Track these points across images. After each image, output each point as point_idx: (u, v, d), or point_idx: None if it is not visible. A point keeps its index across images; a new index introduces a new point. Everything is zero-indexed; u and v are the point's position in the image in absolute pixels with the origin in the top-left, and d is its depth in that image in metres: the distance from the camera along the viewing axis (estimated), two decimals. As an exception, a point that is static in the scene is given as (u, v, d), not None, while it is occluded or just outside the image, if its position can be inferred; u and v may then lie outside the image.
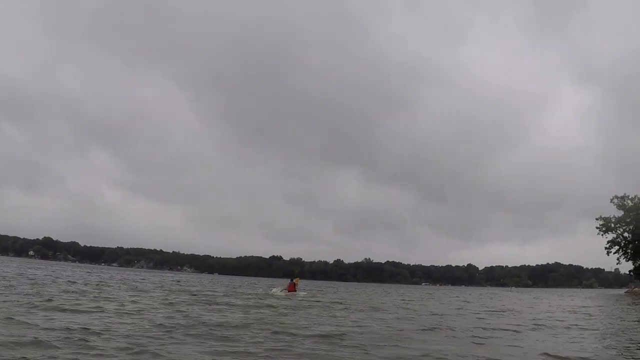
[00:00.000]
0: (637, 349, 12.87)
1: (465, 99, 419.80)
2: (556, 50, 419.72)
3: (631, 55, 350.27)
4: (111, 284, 40.24)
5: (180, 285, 47.87)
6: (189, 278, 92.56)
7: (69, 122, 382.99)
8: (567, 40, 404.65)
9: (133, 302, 23.13)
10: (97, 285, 37.54)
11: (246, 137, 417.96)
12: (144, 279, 59.28)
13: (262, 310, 21.67)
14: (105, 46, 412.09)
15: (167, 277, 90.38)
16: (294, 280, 44.30)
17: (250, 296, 33.87)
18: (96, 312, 17.49)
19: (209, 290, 40.08)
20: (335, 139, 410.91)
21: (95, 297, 24.71)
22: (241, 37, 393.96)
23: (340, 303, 29.34)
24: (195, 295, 32.28)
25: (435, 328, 16.96)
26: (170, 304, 23.24)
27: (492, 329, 17.43)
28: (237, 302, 26.68)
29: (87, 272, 75.66)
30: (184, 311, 19.40)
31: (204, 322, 15.72)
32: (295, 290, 41.97)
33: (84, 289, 31.15)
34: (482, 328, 17.52)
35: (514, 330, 17.01)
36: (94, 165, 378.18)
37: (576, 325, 19.41)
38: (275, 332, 14.24)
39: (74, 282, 40.15)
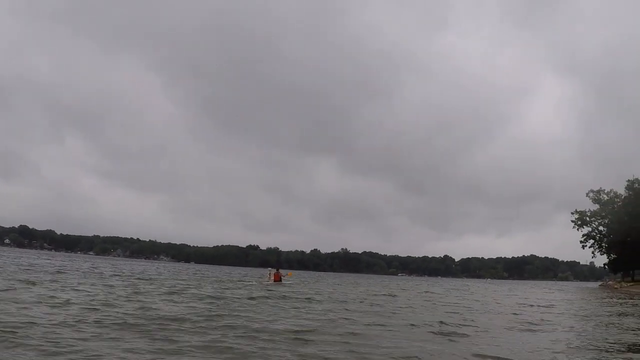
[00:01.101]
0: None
1: (444, 89, 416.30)
2: (540, 40, 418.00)
3: (615, 49, 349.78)
4: (69, 273, 38.60)
5: (145, 275, 46.05)
6: (163, 267, 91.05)
7: (43, 109, 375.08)
8: (551, 31, 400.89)
9: (80, 290, 21.64)
10: (56, 273, 36.08)
11: (222, 125, 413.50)
12: (114, 267, 58.01)
13: (227, 302, 20.42)
14: (78, 31, 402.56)
15: (141, 266, 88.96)
16: (279, 271, 44.41)
17: (222, 285, 32.64)
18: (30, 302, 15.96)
19: (180, 280, 38.70)
20: (312, 127, 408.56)
21: (46, 286, 22.98)
22: (217, 23, 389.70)
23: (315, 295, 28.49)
24: (155, 284, 30.61)
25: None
26: (135, 293, 22.04)
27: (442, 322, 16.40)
28: (203, 292, 25.34)
29: (58, 260, 74.07)
30: (140, 301, 18.01)
31: (153, 315, 14.34)
32: (281, 280, 42.20)
33: (37, 278, 29.27)
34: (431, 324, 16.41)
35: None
36: (70, 153, 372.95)
37: (533, 322, 18.31)
38: (230, 327, 12.94)
39: (32, 269, 38.37)
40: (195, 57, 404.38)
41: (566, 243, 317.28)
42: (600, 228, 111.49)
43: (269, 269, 49.96)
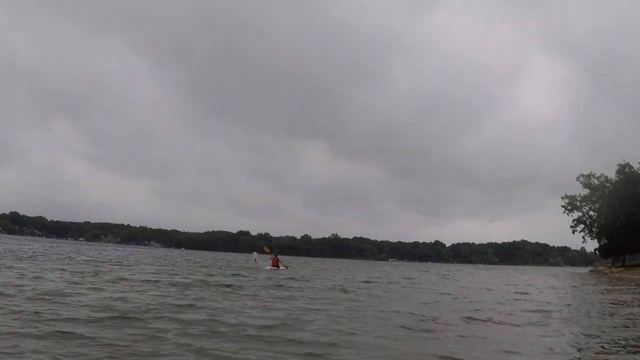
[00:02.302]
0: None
1: (434, 72, 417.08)
2: (532, 21, 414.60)
3: (608, 30, 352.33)
4: (40, 258, 36.80)
5: (122, 261, 44.18)
6: (149, 253, 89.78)
7: (27, 93, 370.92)
8: (543, 11, 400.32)
9: (38, 277, 19.58)
10: (29, 258, 34.57)
11: (210, 110, 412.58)
12: (99, 253, 56.44)
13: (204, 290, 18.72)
14: (60, 12, 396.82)
15: (127, 251, 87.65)
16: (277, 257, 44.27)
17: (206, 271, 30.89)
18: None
19: (168, 265, 37.13)
20: (301, 112, 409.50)
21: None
22: (204, 7, 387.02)
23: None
24: (120, 270, 28.32)
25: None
26: (81, 279, 20.23)
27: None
28: (182, 280, 23.54)
29: (40, 246, 72.59)
30: (102, 290, 16.25)
31: (111, 306, 12.44)
32: (278, 266, 42.08)
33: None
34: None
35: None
36: (57, 138, 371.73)
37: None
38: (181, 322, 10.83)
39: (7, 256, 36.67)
40: (181, 41, 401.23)
41: (557, 228, 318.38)
42: (591, 213, 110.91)
43: (254, 253, 51.41)
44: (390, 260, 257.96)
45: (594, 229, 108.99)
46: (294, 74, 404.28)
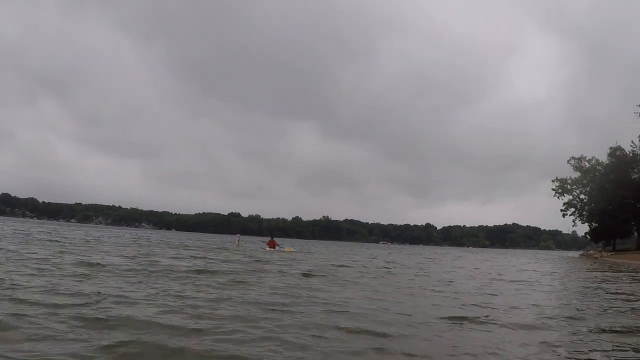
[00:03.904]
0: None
1: (424, 49, 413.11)
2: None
3: (607, 6, 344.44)
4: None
5: (97, 241, 42.21)
6: (132, 233, 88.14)
7: (12, 72, 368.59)
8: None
9: None
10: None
11: (197, 89, 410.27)
12: (72, 233, 54.70)
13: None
14: None
15: (113, 232, 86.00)
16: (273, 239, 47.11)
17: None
18: None
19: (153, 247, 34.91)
20: (291, 91, 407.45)
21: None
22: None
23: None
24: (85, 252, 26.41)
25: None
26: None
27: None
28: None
29: (16, 226, 70.70)
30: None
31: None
32: (275, 248, 44.42)
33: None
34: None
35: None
36: (44, 118, 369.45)
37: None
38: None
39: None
40: (164, 17, 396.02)
41: (549, 211, 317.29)
42: (582, 196, 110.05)
43: (238, 235, 57.31)
44: (381, 242, 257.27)
45: (584, 212, 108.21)
46: (282, 52, 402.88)
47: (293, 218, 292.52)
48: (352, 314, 10.22)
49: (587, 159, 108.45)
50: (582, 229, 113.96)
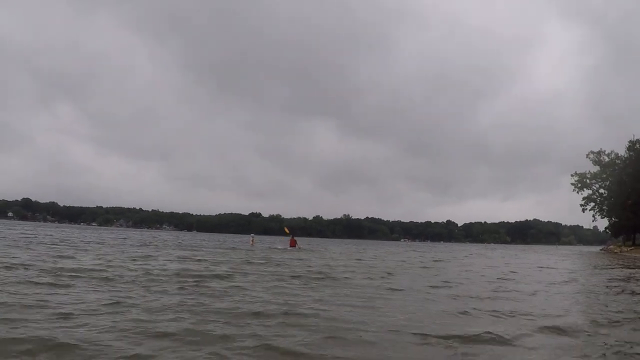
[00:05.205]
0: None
1: (442, 40, 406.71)
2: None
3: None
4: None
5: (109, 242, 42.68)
6: (151, 236, 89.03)
7: (27, 76, 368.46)
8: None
9: None
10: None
11: (212, 87, 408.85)
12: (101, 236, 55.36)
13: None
14: None
15: (135, 234, 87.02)
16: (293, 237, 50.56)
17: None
18: None
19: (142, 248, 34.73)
20: (306, 87, 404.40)
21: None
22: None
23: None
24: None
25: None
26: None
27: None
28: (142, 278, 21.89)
29: (32, 229, 71.81)
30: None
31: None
32: (296, 246, 47.74)
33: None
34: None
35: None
36: (61, 121, 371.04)
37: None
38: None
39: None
40: (176, 13, 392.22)
41: (570, 206, 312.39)
42: (601, 191, 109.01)
43: (252, 235, 63.14)
44: (402, 240, 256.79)
45: (604, 207, 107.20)
46: (298, 46, 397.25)
47: (314, 217, 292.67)
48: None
49: (606, 152, 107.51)
50: (603, 223, 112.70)
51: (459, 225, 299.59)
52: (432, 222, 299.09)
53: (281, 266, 23.94)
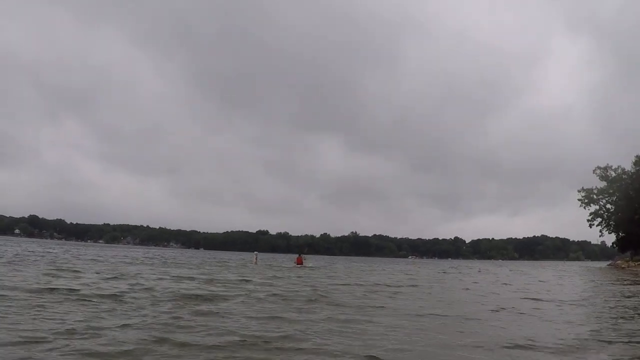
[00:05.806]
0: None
1: (448, 56, 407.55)
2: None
3: (636, 6, 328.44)
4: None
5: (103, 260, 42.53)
6: (165, 253, 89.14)
7: (33, 90, 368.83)
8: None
9: None
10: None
11: (218, 101, 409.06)
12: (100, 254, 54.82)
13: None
14: (53, 3, 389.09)
15: (138, 252, 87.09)
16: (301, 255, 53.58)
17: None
18: None
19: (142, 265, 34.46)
20: (314, 102, 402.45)
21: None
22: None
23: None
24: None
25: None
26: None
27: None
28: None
29: (35, 247, 71.61)
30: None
31: None
32: (303, 264, 49.17)
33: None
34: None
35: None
36: (67, 136, 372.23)
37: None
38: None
39: None
40: (182, 27, 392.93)
41: (578, 222, 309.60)
42: (608, 206, 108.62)
43: (255, 252, 62.47)
44: (409, 257, 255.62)
45: (611, 222, 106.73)
46: (305, 60, 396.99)
47: (321, 235, 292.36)
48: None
49: (612, 168, 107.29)
50: (610, 239, 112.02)
51: (466, 242, 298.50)
52: (440, 239, 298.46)
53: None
